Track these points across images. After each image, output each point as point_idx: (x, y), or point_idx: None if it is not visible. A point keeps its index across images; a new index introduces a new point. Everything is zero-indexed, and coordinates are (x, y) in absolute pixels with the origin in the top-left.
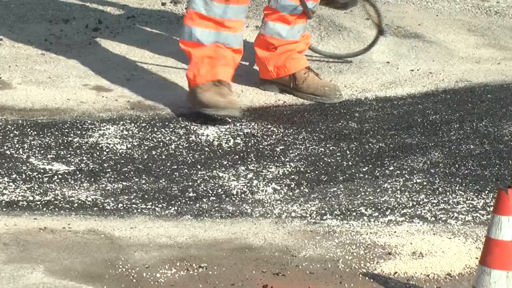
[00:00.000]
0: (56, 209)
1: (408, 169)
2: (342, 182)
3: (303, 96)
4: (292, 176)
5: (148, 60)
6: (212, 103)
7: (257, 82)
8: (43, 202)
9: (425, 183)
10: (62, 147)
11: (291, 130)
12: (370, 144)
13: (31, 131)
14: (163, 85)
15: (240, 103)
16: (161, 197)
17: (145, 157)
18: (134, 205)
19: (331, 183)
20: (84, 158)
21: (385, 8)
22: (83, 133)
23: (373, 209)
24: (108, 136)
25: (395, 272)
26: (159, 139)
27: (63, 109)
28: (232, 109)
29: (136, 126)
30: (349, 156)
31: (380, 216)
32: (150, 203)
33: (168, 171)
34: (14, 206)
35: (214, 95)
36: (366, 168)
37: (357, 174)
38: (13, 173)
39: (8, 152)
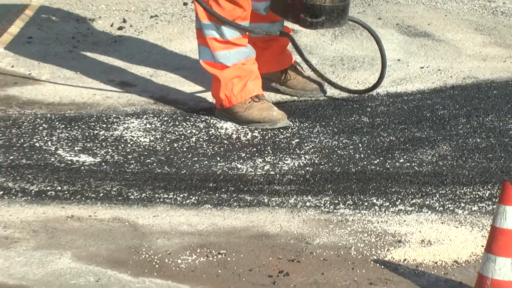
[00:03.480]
0: (83, 198)
1: (418, 161)
2: (355, 173)
3: (290, 91)
4: (307, 168)
5: (170, 57)
6: (267, 118)
7: None
8: (71, 192)
9: (433, 175)
10: (88, 140)
11: (306, 124)
12: (381, 138)
13: (59, 125)
14: (184, 81)
15: (285, 114)
16: (183, 187)
17: (167, 149)
18: (156, 195)
19: (344, 175)
20: (109, 150)
21: (396, 8)
22: (109, 126)
23: (384, 199)
24: (132, 129)
25: (405, 259)
26: (181, 132)
27: (89, 104)
28: (284, 119)
29: (158, 119)
30: (361, 149)
31: (390, 205)
32: (172, 193)
33: (189, 163)
34: (43, 195)
35: (261, 111)
36: (378, 160)
37: (368, 166)
38: (42, 164)
39: (37, 144)
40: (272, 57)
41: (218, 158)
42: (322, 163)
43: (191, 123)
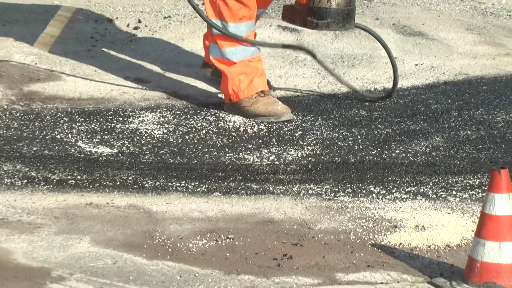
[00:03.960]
0: (101, 186)
1: (412, 152)
2: (354, 163)
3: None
4: (309, 158)
5: (182, 55)
6: (272, 112)
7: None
8: (89, 181)
9: (427, 165)
10: (106, 132)
11: (308, 118)
12: (378, 130)
13: (79, 118)
14: (195, 78)
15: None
16: (194, 176)
17: (179, 141)
18: (169, 183)
19: (344, 165)
20: (125, 142)
21: (392, 9)
22: (125, 119)
23: (381, 187)
24: (147, 122)
25: (400, 243)
26: (192, 125)
27: (107, 99)
28: (288, 113)
29: (171, 113)
30: (359, 140)
31: (387, 193)
32: (184, 181)
33: (200, 154)
34: (64, 184)
35: (267, 105)
36: (375, 151)
37: (366, 157)
38: (63, 155)
39: (58, 136)
40: None
41: (227, 149)
42: (323, 153)
43: (202, 117)
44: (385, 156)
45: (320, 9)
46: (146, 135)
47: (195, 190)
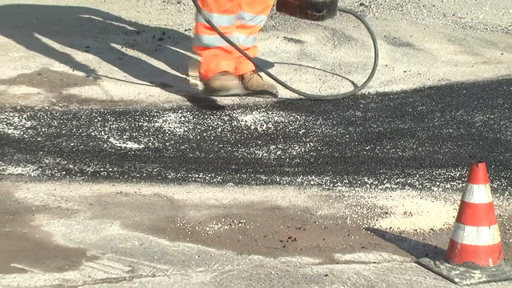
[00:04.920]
0: (129, 177)
1: (401, 148)
2: (350, 157)
3: (249, 93)
4: (311, 153)
5: None
6: (222, 86)
7: None
8: (119, 172)
9: (414, 159)
10: (134, 130)
11: (311, 118)
12: (371, 129)
13: (111, 118)
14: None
15: (241, 85)
16: (210, 168)
17: (198, 138)
18: (189, 175)
19: (341, 158)
20: (151, 138)
21: (384, 23)
22: (150, 119)
23: (374, 178)
24: (170, 122)
25: (390, 227)
26: (209, 124)
27: (135, 101)
28: (237, 89)
29: (191, 114)
30: (355, 137)
31: (379, 184)
32: (202, 173)
33: (215, 149)
34: (97, 175)
35: (222, 81)
36: (369, 147)
37: (361, 152)
38: (97, 150)
39: (92, 133)
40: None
41: (239, 145)
42: (324, 149)
43: (217, 117)
44: (378, 151)
45: (318, 3)
46: (169, 132)
47: (211, 181)
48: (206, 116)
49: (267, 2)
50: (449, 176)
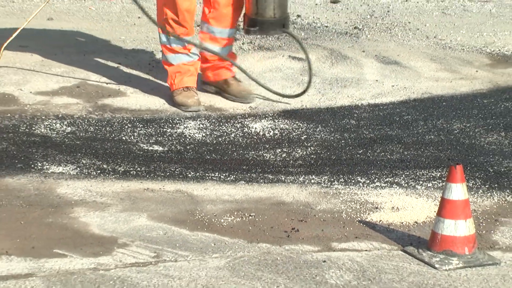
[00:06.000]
0: (155, 176)
1: (389, 152)
2: (345, 160)
3: (229, 97)
4: (312, 156)
5: None
6: (184, 103)
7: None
8: (147, 171)
9: (400, 161)
10: (159, 135)
11: (311, 125)
12: (364, 135)
13: (139, 124)
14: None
15: (202, 102)
16: (225, 168)
17: (214, 142)
18: (206, 174)
19: (338, 161)
20: (174, 142)
21: (375, 44)
22: (173, 125)
23: (366, 178)
24: (190, 128)
25: (380, 220)
26: (223, 130)
27: (160, 110)
28: (195, 106)
29: (208, 121)
30: (350, 142)
31: (370, 183)
32: (217, 172)
33: (229, 152)
34: (128, 174)
35: (183, 97)
36: (361, 150)
37: (355, 155)
38: (127, 152)
39: (123, 138)
40: (215, 69)
41: (250, 149)
42: (322, 152)
43: (231, 124)
44: (369, 155)
45: (252, 19)
46: (189, 137)
47: (225, 179)
48: (221, 124)
49: (233, 18)
50: (431, 176)
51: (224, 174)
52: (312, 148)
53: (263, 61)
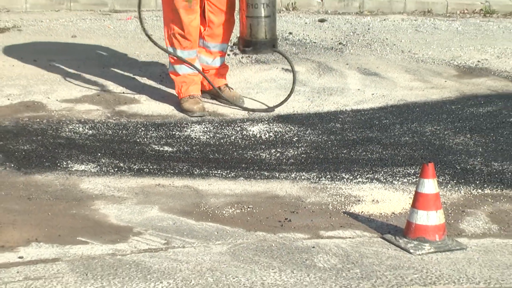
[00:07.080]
0: (165, 173)
1: (370, 151)
2: (331, 158)
3: (223, 101)
4: (302, 155)
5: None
6: (190, 109)
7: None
8: (158, 169)
9: (379, 160)
10: (169, 137)
11: (302, 128)
12: (348, 137)
13: (151, 128)
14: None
15: (206, 108)
16: (226, 166)
17: (217, 143)
18: (210, 171)
19: (325, 159)
20: (182, 143)
21: (357, 58)
22: (181, 129)
23: (349, 174)
24: (196, 131)
25: (362, 211)
26: (225, 133)
27: (170, 115)
28: (200, 111)
29: (212, 125)
30: (335, 143)
31: (353, 178)
32: (220, 170)
33: (230, 152)
34: (141, 171)
35: (190, 104)
36: (346, 150)
37: (340, 154)
38: (141, 152)
39: (138, 140)
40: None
41: (248, 149)
42: (312, 152)
43: (231, 127)
44: (352, 154)
45: (247, 40)
46: (195, 139)
47: (227, 176)
48: (223, 127)
49: (225, 35)
50: (406, 173)
51: (225, 172)
52: (302, 148)
53: (259, 73)
